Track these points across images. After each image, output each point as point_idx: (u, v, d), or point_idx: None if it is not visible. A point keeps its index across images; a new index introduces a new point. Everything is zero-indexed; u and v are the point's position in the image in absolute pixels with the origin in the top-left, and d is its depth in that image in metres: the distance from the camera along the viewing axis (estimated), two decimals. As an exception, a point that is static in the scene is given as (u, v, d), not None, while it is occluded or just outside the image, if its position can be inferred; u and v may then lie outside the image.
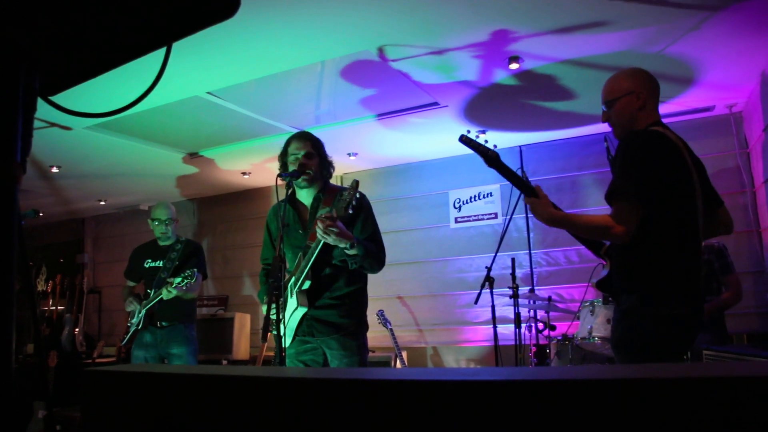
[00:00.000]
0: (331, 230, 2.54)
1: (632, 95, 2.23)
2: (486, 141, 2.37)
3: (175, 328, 4.04)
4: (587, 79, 3.86)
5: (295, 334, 2.80)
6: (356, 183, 2.64)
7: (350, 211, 2.60)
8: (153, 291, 4.03)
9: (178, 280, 3.83)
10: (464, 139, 2.39)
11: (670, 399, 0.72)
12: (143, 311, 4.00)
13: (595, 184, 5.19)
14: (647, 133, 2.14)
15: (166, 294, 3.88)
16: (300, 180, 2.77)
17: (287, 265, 2.84)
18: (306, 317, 2.76)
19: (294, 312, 2.76)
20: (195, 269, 3.89)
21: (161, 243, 4.26)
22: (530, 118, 4.80)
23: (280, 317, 2.55)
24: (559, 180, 5.39)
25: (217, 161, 5.75)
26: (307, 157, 2.78)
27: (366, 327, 2.86)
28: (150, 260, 4.23)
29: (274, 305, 2.76)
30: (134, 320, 4.04)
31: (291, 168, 2.79)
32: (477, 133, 2.39)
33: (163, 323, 4.02)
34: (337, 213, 2.58)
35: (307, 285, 2.72)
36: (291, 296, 2.76)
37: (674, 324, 2.02)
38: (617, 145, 2.18)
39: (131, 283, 4.33)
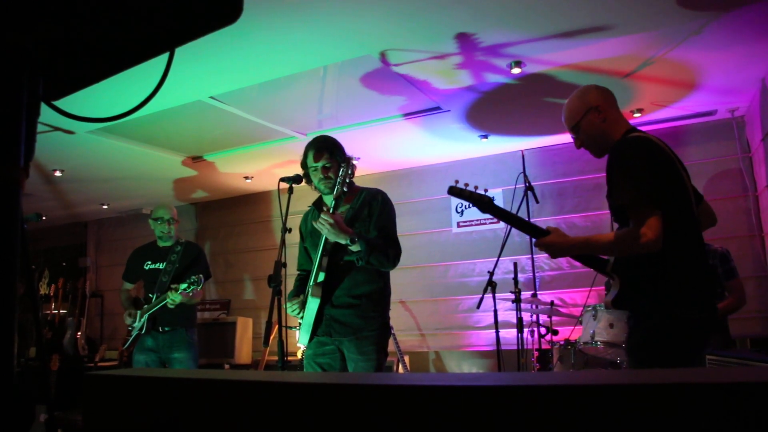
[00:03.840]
0: (325, 220, 2.52)
1: (592, 111, 2.22)
2: (476, 187, 2.33)
3: (177, 332, 4.02)
4: (590, 83, 3.86)
5: (314, 333, 2.75)
6: (349, 159, 2.68)
7: (344, 189, 2.61)
8: (155, 295, 4.00)
9: (184, 286, 3.79)
10: (454, 191, 2.34)
11: (673, 404, 0.72)
12: (146, 316, 3.99)
13: (597, 189, 5.18)
14: (635, 140, 2.11)
15: (170, 301, 3.85)
16: (324, 189, 2.77)
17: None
18: (325, 316, 2.72)
19: (309, 305, 2.73)
20: (200, 275, 3.87)
21: (161, 244, 4.22)
22: (532, 123, 4.81)
23: (283, 322, 2.55)
24: (560, 184, 5.39)
25: (219, 165, 5.76)
26: (327, 168, 2.75)
27: (387, 330, 2.79)
28: (150, 262, 4.18)
29: (294, 308, 2.77)
30: (137, 324, 4.02)
31: (314, 180, 2.79)
32: (464, 184, 2.35)
33: (165, 328, 4.01)
34: (335, 196, 2.58)
35: (321, 277, 2.69)
36: (310, 293, 2.74)
37: (691, 327, 2.00)
38: (608, 158, 2.15)
39: (128, 285, 4.29)
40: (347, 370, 2.72)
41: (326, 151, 2.76)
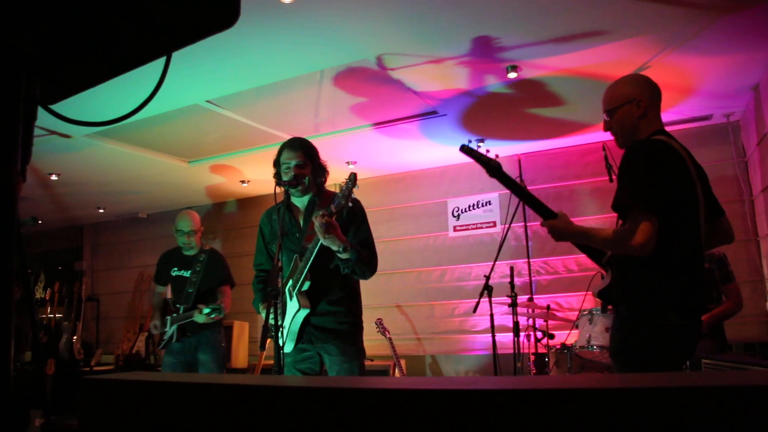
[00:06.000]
0: (327, 226, 2.52)
1: (632, 103, 2.20)
2: (487, 151, 2.37)
3: (203, 334, 4.11)
4: (586, 88, 3.88)
5: (297, 340, 2.78)
6: (354, 175, 2.61)
7: (350, 204, 2.58)
8: (182, 306, 4.10)
9: (208, 310, 3.87)
10: (465, 149, 2.39)
11: (668, 408, 0.72)
12: (175, 326, 4.07)
13: (594, 193, 5.20)
14: (652, 143, 2.12)
15: (197, 317, 3.94)
16: (296, 190, 2.78)
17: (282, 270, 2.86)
18: (306, 324, 2.75)
19: (296, 315, 2.74)
20: (221, 304, 3.94)
21: (185, 252, 4.30)
22: (528, 127, 4.81)
23: (280, 324, 2.55)
24: (557, 189, 5.39)
25: (215, 170, 5.75)
26: (300, 166, 2.77)
27: (361, 329, 2.87)
28: (176, 268, 4.29)
29: (273, 312, 2.77)
30: (167, 332, 4.12)
31: (284, 177, 2.80)
32: (477, 144, 2.39)
33: (193, 333, 4.09)
34: (336, 208, 2.56)
35: (306, 286, 2.72)
36: (290, 299, 2.76)
37: (673, 334, 2.01)
38: (622, 155, 2.16)
39: (160, 288, 4.39)
40: (327, 374, 2.75)
41: (301, 150, 2.81)
